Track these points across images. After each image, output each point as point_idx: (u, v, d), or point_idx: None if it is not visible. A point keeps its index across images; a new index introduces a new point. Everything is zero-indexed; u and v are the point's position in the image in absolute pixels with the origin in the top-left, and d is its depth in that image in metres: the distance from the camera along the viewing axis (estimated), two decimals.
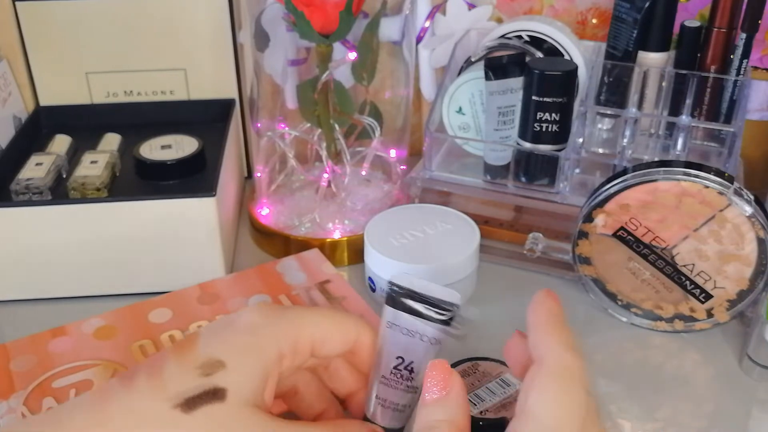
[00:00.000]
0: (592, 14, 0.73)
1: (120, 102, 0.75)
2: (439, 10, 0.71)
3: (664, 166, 0.54)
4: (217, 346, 0.35)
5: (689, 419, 0.51)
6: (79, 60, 0.73)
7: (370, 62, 0.64)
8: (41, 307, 0.61)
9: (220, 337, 0.35)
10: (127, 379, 0.33)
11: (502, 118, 0.64)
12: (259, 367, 0.35)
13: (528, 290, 0.63)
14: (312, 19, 0.59)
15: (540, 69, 0.60)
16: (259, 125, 0.69)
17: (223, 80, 0.74)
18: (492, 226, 0.66)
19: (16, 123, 0.72)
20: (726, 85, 0.65)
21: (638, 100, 0.66)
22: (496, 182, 0.65)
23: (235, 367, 0.34)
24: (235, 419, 0.33)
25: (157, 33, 0.72)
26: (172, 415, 0.32)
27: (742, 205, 0.52)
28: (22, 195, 0.63)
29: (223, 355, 0.34)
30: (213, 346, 0.35)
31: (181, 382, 0.33)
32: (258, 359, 0.35)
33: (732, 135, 0.63)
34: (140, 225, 0.59)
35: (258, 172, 0.70)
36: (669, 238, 0.55)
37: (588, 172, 0.65)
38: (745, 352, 0.54)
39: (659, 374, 0.55)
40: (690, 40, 0.65)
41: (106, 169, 0.66)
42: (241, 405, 0.33)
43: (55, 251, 0.59)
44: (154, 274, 0.61)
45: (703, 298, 0.56)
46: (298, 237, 0.66)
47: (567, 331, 0.36)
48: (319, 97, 0.64)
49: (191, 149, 0.69)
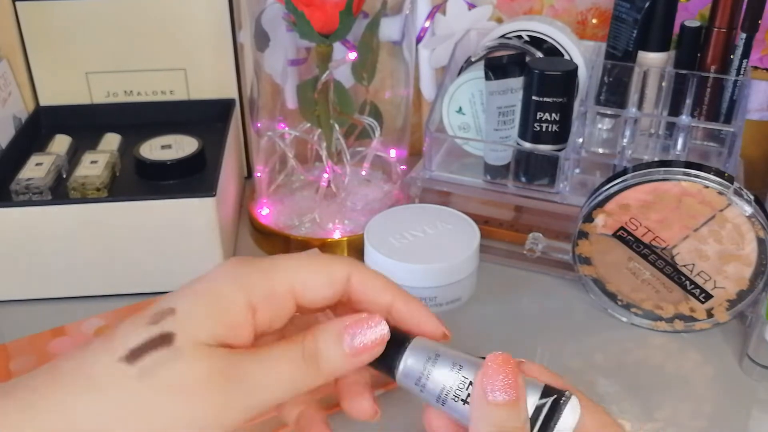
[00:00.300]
0: (592, 14, 0.73)
1: (120, 102, 0.75)
2: (439, 10, 0.71)
3: (664, 166, 0.54)
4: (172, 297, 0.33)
5: (689, 419, 0.51)
6: (79, 60, 0.73)
7: (370, 62, 0.64)
8: (41, 307, 0.61)
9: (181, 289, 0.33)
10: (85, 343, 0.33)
11: (502, 118, 0.64)
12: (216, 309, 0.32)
13: (528, 290, 0.64)
14: (312, 19, 0.59)
15: (540, 69, 0.60)
16: (259, 125, 0.69)
17: (223, 80, 0.74)
18: (492, 226, 0.66)
19: (16, 123, 0.72)
20: (726, 85, 0.65)
21: (638, 100, 0.66)
22: (496, 182, 0.65)
23: (187, 311, 0.32)
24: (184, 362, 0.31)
25: (157, 33, 0.72)
26: (118, 368, 0.30)
27: (742, 205, 0.52)
28: (22, 195, 0.63)
29: (176, 303, 0.32)
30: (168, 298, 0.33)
31: (130, 335, 0.31)
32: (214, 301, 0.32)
33: (732, 135, 0.63)
34: (140, 225, 0.59)
35: (258, 172, 0.70)
36: (669, 238, 0.55)
37: (588, 172, 0.65)
38: (745, 352, 0.54)
39: (659, 374, 0.55)
40: (690, 40, 0.65)
41: (106, 169, 0.66)
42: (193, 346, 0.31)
43: (55, 251, 0.59)
44: (154, 274, 0.61)
45: (703, 298, 0.56)
46: (298, 237, 0.66)
47: None
48: (319, 97, 0.64)
49: (191, 149, 0.69)
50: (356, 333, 0.34)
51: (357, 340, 0.34)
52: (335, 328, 0.34)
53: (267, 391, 0.32)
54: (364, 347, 0.34)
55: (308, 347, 0.33)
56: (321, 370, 0.33)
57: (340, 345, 0.33)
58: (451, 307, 0.60)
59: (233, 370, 0.32)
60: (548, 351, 0.57)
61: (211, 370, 0.31)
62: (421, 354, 0.35)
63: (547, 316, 0.61)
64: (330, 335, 0.34)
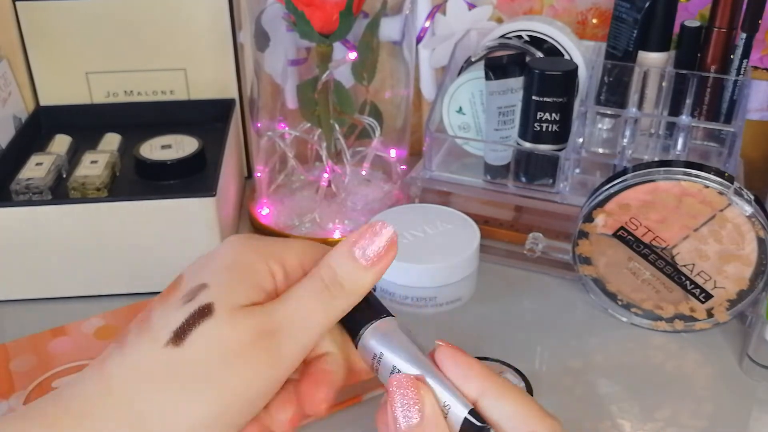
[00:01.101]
0: (592, 14, 0.73)
1: (120, 102, 0.75)
2: (439, 10, 0.71)
3: (664, 166, 0.54)
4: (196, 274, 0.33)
5: (689, 419, 0.51)
6: (79, 60, 0.73)
7: (370, 62, 0.64)
8: (41, 307, 0.61)
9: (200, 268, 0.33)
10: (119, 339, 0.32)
11: (502, 118, 0.64)
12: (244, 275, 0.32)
13: (528, 290, 0.64)
14: (312, 19, 0.59)
15: (540, 69, 0.60)
16: (259, 125, 0.69)
17: (223, 80, 0.74)
18: (492, 226, 0.66)
19: (16, 123, 0.72)
20: (726, 85, 0.65)
21: (638, 100, 0.66)
22: (496, 182, 0.65)
23: (218, 282, 0.32)
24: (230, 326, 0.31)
25: (157, 33, 0.72)
26: (166, 353, 0.30)
27: (742, 204, 0.52)
28: (22, 195, 0.63)
29: (204, 278, 0.32)
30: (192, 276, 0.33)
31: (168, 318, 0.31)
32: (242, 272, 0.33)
33: (732, 135, 0.63)
34: (140, 225, 0.59)
35: (258, 172, 0.70)
36: (669, 238, 0.55)
37: (588, 172, 0.65)
38: (745, 352, 0.54)
39: (659, 374, 0.55)
40: (690, 40, 0.65)
41: (106, 169, 0.66)
42: (233, 310, 0.31)
43: (55, 251, 0.59)
44: (154, 274, 0.61)
45: (703, 298, 0.56)
46: (299, 237, 0.66)
47: None
48: (319, 97, 0.64)
49: (191, 149, 0.69)
50: (365, 244, 0.33)
51: (369, 250, 0.33)
52: (343, 248, 0.34)
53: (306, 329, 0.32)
54: (378, 255, 0.33)
55: (326, 274, 0.33)
56: (347, 290, 0.33)
57: (355, 261, 0.33)
58: (451, 307, 0.60)
59: (271, 321, 0.32)
60: (548, 351, 0.57)
61: (255, 327, 0.31)
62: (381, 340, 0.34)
63: (547, 316, 0.61)
64: (341, 256, 0.34)
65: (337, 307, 0.33)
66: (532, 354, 0.57)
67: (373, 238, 0.34)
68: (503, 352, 0.53)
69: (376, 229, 0.34)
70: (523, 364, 0.51)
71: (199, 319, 0.31)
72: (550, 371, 0.55)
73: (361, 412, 0.51)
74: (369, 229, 0.34)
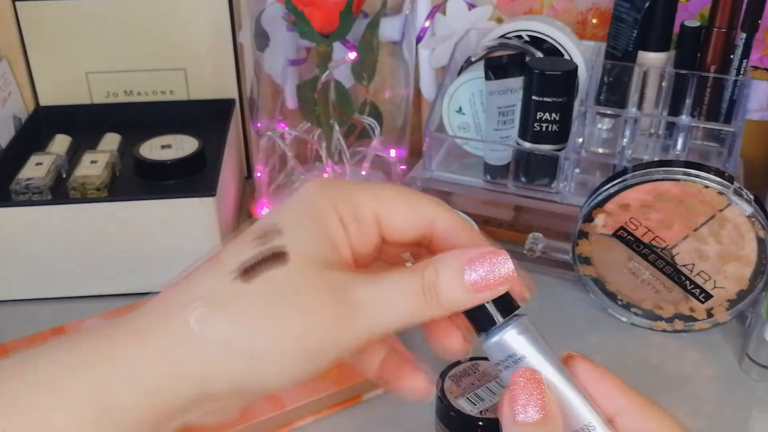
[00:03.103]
0: (592, 14, 0.73)
1: (120, 102, 0.75)
2: (439, 10, 0.71)
3: (664, 166, 0.54)
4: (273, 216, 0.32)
5: (689, 419, 0.51)
6: (79, 60, 0.73)
7: (370, 62, 0.64)
8: (41, 307, 0.61)
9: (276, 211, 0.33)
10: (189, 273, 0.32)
11: (502, 118, 0.64)
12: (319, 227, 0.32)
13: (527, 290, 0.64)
14: (312, 19, 0.59)
15: (540, 69, 0.60)
16: (259, 125, 0.69)
17: (223, 80, 0.74)
18: (492, 226, 0.66)
19: (16, 123, 0.72)
20: (726, 85, 0.65)
21: (638, 100, 0.66)
22: (496, 182, 0.65)
23: (293, 230, 0.31)
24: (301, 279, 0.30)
25: (157, 33, 0.72)
26: (234, 286, 0.30)
27: (742, 204, 0.52)
28: (22, 195, 0.63)
29: (279, 222, 0.32)
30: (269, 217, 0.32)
31: (239, 252, 0.31)
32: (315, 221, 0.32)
33: (732, 135, 0.63)
34: (140, 225, 0.59)
35: (258, 172, 0.70)
36: (669, 238, 0.55)
37: (588, 172, 0.65)
38: (745, 352, 0.54)
39: (659, 374, 0.55)
40: (690, 40, 0.65)
41: (106, 169, 0.66)
42: (306, 264, 0.30)
43: (55, 251, 0.59)
44: (154, 274, 0.61)
45: (703, 298, 0.56)
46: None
47: None
48: (319, 96, 0.64)
49: (191, 149, 0.69)
50: (480, 267, 0.31)
51: (480, 275, 0.31)
52: (457, 260, 0.31)
53: (385, 317, 0.31)
54: (487, 284, 0.32)
55: (428, 278, 0.31)
56: (440, 303, 0.31)
57: (462, 278, 0.31)
58: None
59: (350, 290, 0.31)
60: None
61: (329, 286, 0.30)
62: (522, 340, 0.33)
63: (547, 316, 0.60)
64: (451, 268, 0.31)
65: (423, 315, 0.32)
66: None
67: (490, 266, 0.32)
68: None
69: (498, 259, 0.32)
70: None
71: (272, 262, 0.30)
72: None
73: (361, 412, 0.51)
74: (491, 255, 0.32)
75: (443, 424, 0.48)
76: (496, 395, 0.48)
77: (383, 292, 0.31)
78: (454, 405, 0.47)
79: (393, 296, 0.31)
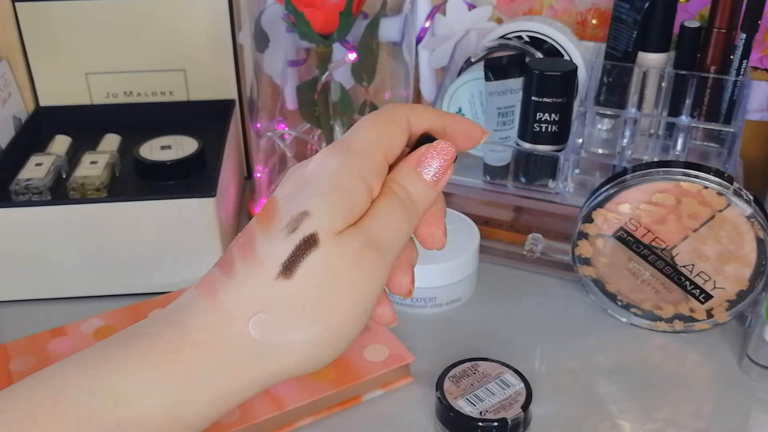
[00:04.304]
0: (592, 15, 0.73)
1: (120, 102, 0.75)
2: (439, 10, 0.71)
3: (663, 166, 0.54)
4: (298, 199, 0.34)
5: (689, 419, 0.51)
6: (79, 60, 0.73)
7: (370, 63, 0.64)
8: (41, 307, 0.61)
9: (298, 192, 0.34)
10: (226, 266, 0.34)
11: (502, 118, 0.64)
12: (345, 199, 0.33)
13: (528, 290, 0.64)
14: (312, 19, 0.59)
15: (539, 69, 0.60)
16: (259, 125, 0.69)
17: (223, 81, 0.74)
18: (492, 227, 0.66)
19: (16, 123, 0.72)
20: (726, 86, 0.65)
21: (638, 101, 0.66)
22: (496, 183, 0.65)
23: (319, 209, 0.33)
24: (335, 254, 0.32)
25: (157, 33, 0.72)
26: (278, 285, 0.32)
27: (741, 205, 0.52)
28: (22, 195, 0.63)
29: (306, 205, 0.33)
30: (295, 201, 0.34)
31: (275, 250, 0.32)
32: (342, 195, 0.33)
33: (732, 135, 0.63)
34: (140, 225, 0.59)
35: (258, 172, 0.70)
36: (669, 238, 0.55)
37: (588, 173, 0.65)
38: (745, 352, 0.54)
39: (659, 374, 0.55)
40: (690, 41, 0.65)
41: (106, 170, 0.66)
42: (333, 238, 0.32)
43: (55, 251, 0.59)
44: (154, 274, 0.61)
45: (702, 299, 0.56)
46: None
47: None
48: (319, 97, 0.64)
49: (191, 149, 0.69)
50: (429, 163, 0.36)
51: (433, 168, 0.36)
52: (410, 168, 0.36)
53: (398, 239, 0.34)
54: (441, 172, 0.36)
55: (401, 194, 0.35)
56: (419, 209, 0.35)
57: (423, 179, 0.36)
58: (451, 307, 0.60)
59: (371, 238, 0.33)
60: (548, 351, 0.57)
61: (357, 249, 0.32)
62: None
63: (547, 317, 0.61)
64: (411, 175, 0.36)
65: (413, 223, 0.35)
66: (531, 354, 0.57)
67: (435, 156, 0.36)
68: (503, 352, 0.54)
69: (437, 148, 0.36)
70: (522, 364, 0.51)
71: (306, 251, 0.32)
72: (550, 371, 0.55)
73: (361, 412, 0.51)
74: (430, 149, 0.36)
75: (443, 425, 0.48)
76: (496, 396, 0.48)
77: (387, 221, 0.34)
78: (454, 406, 0.47)
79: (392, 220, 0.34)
